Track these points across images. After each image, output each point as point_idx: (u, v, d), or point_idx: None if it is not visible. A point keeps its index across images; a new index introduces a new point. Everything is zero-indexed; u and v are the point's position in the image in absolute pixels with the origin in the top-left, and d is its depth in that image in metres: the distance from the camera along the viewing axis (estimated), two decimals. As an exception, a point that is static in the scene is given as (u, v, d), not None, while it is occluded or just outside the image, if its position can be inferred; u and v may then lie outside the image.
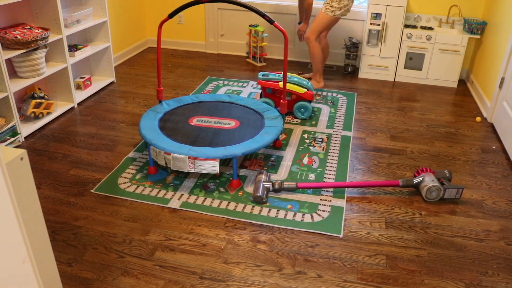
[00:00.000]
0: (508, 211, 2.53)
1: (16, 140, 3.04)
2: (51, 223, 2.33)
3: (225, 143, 2.65)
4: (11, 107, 2.97)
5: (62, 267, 2.05)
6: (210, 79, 4.30)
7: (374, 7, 4.15)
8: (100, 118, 3.48)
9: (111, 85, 4.11)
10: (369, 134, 3.34)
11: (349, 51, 4.50)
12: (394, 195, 2.63)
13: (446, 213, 2.49)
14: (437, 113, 3.72)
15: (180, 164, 2.52)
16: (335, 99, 3.92)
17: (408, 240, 2.28)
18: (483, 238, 2.31)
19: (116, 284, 1.97)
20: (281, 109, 2.97)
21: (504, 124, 3.25)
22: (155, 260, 2.10)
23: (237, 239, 2.25)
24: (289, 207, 2.48)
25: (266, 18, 2.76)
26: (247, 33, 4.78)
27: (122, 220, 2.36)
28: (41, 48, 3.19)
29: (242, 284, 1.98)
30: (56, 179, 2.70)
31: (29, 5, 3.26)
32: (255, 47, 4.71)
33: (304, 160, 2.94)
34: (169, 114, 2.99)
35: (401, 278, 2.04)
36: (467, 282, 2.03)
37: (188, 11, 4.99)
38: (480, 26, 4.05)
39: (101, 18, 3.86)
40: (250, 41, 4.74)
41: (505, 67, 3.37)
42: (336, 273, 2.06)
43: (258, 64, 4.73)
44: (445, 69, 4.23)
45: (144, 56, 4.92)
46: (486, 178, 2.83)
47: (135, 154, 2.97)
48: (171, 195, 2.56)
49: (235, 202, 2.51)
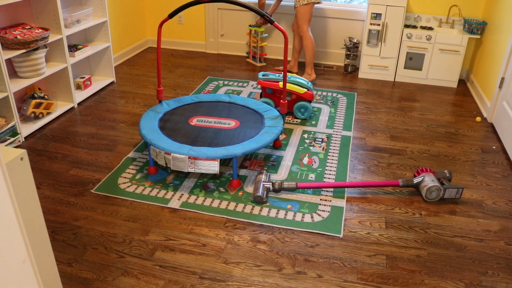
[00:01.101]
0: (508, 211, 2.53)
1: (16, 140, 3.04)
2: (51, 223, 2.33)
3: (225, 143, 2.65)
4: (11, 107, 2.97)
5: (62, 267, 2.05)
6: (210, 79, 4.30)
7: (374, 7, 4.15)
8: (100, 118, 3.48)
9: (111, 85, 4.11)
10: (369, 134, 3.34)
11: (349, 51, 4.50)
12: (394, 195, 2.63)
13: (446, 213, 2.49)
14: (437, 113, 3.72)
15: (180, 164, 2.52)
16: (335, 99, 3.92)
17: (408, 240, 2.28)
18: (483, 238, 2.31)
19: (116, 284, 1.97)
20: (281, 109, 2.97)
21: (504, 124, 3.25)
22: (155, 260, 2.10)
23: (237, 239, 2.25)
24: (289, 207, 2.48)
25: (266, 18, 2.76)
26: (247, 33, 4.78)
27: (122, 220, 2.36)
28: (41, 48, 3.19)
29: (242, 284, 1.98)
30: (56, 179, 2.70)
31: (29, 5, 3.26)
32: (255, 47, 4.71)
33: (304, 160, 2.94)
34: (169, 114, 2.99)
35: (401, 278, 2.04)
36: (467, 282, 2.03)
37: (188, 11, 4.99)
38: (480, 26, 4.05)
39: (101, 18, 3.87)
40: (250, 41, 4.73)
41: (505, 67, 3.37)
42: (336, 273, 2.06)
43: (258, 64, 4.73)
44: (445, 69, 4.23)
45: (144, 56, 4.92)
46: (486, 178, 2.83)
47: (135, 154, 2.97)
48: (171, 195, 2.56)
49: (235, 202, 2.51)
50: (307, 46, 4.12)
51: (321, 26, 4.69)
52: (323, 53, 4.81)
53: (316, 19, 4.67)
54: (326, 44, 4.77)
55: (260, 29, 4.57)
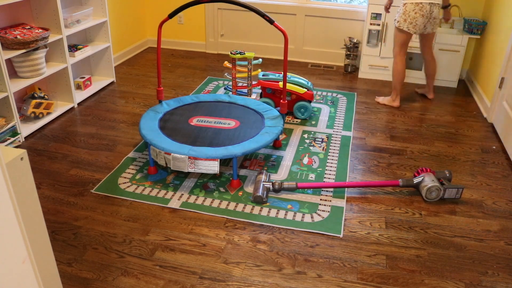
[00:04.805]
0: (508, 211, 2.53)
1: (16, 140, 3.04)
2: (51, 223, 2.33)
3: (225, 143, 2.65)
4: (11, 107, 2.97)
5: (62, 267, 2.05)
6: (210, 79, 4.30)
7: (374, 7, 4.15)
8: (100, 118, 3.48)
9: (111, 85, 4.11)
10: (369, 134, 3.34)
11: (349, 51, 4.50)
12: (394, 195, 2.63)
13: (446, 213, 2.49)
14: (437, 113, 3.72)
15: (180, 164, 2.52)
16: (335, 99, 3.92)
17: (408, 240, 2.28)
18: (483, 238, 2.31)
19: (116, 284, 1.97)
20: (281, 109, 2.97)
21: (504, 124, 3.25)
22: (155, 260, 2.10)
23: (237, 239, 2.25)
24: (289, 207, 2.48)
25: (266, 18, 2.76)
26: (226, 63, 3.68)
27: (122, 220, 2.36)
28: (41, 48, 3.19)
29: (242, 284, 1.98)
30: (56, 179, 2.70)
31: (29, 5, 3.26)
32: (245, 79, 3.68)
33: (304, 160, 2.94)
34: (169, 114, 2.99)
35: (401, 278, 2.04)
36: (467, 282, 2.03)
37: (188, 11, 4.99)
38: (480, 26, 4.05)
39: (101, 18, 3.86)
40: (234, 73, 3.61)
41: (505, 67, 3.37)
42: (336, 273, 2.06)
43: (251, 97, 3.76)
44: (445, 69, 4.23)
45: (144, 56, 4.92)
46: (486, 178, 2.83)
47: (135, 154, 2.97)
48: (171, 195, 2.56)
49: (235, 202, 2.51)
50: (393, 69, 3.71)
51: (321, 26, 4.69)
52: (323, 53, 4.81)
53: (316, 19, 4.67)
54: (326, 44, 4.77)
55: (250, 55, 3.57)
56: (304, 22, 4.71)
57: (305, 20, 4.70)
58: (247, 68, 3.63)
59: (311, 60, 4.88)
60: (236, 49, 4.53)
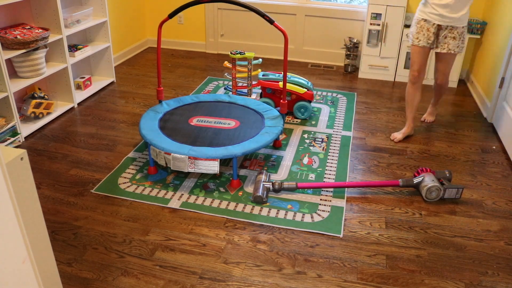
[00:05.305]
0: (508, 211, 2.53)
1: (16, 140, 3.04)
2: (51, 223, 2.33)
3: (225, 143, 2.65)
4: (11, 107, 2.97)
5: (62, 267, 2.05)
6: (210, 79, 4.30)
7: (374, 7, 4.15)
8: (100, 118, 3.48)
9: (111, 85, 4.11)
10: (369, 134, 3.34)
11: (349, 51, 4.50)
12: (394, 195, 2.63)
13: (446, 213, 2.49)
14: (437, 113, 3.71)
15: (180, 164, 2.52)
16: (335, 99, 3.92)
17: (408, 240, 2.28)
18: (483, 238, 2.31)
19: (116, 284, 1.97)
20: (281, 109, 2.97)
21: (504, 124, 3.25)
22: (155, 260, 2.10)
23: (237, 239, 2.25)
24: (289, 207, 2.48)
25: (266, 18, 2.76)
26: (226, 63, 3.71)
27: (122, 220, 2.36)
28: (41, 48, 3.19)
29: (242, 284, 1.98)
30: (56, 179, 2.70)
31: (29, 5, 3.26)
32: (245, 79, 3.71)
33: (304, 160, 2.94)
34: (169, 114, 2.99)
35: (401, 278, 2.04)
36: (467, 282, 2.03)
37: (188, 11, 4.99)
38: (480, 26, 4.05)
39: (101, 18, 3.86)
40: (234, 73, 3.66)
41: (505, 67, 3.37)
42: (336, 273, 2.06)
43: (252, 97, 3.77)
44: (445, 69, 4.23)
45: (144, 56, 4.92)
46: (486, 178, 2.83)
47: (135, 154, 2.97)
48: (171, 195, 2.56)
49: (235, 202, 2.51)
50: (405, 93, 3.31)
51: (321, 26, 4.69)
52: (323, 53, 4.81)
53: (316, 19, 4.67)
54: (326, 44, 4.77)
55: (250, 55, 3.58)
56: (304, 22, 4.71)
57: (305, 20, 4.70)
58: (247, 68, 3.64)
59: (311, 60, 4.88)
60: (236, 49, 4.54)
